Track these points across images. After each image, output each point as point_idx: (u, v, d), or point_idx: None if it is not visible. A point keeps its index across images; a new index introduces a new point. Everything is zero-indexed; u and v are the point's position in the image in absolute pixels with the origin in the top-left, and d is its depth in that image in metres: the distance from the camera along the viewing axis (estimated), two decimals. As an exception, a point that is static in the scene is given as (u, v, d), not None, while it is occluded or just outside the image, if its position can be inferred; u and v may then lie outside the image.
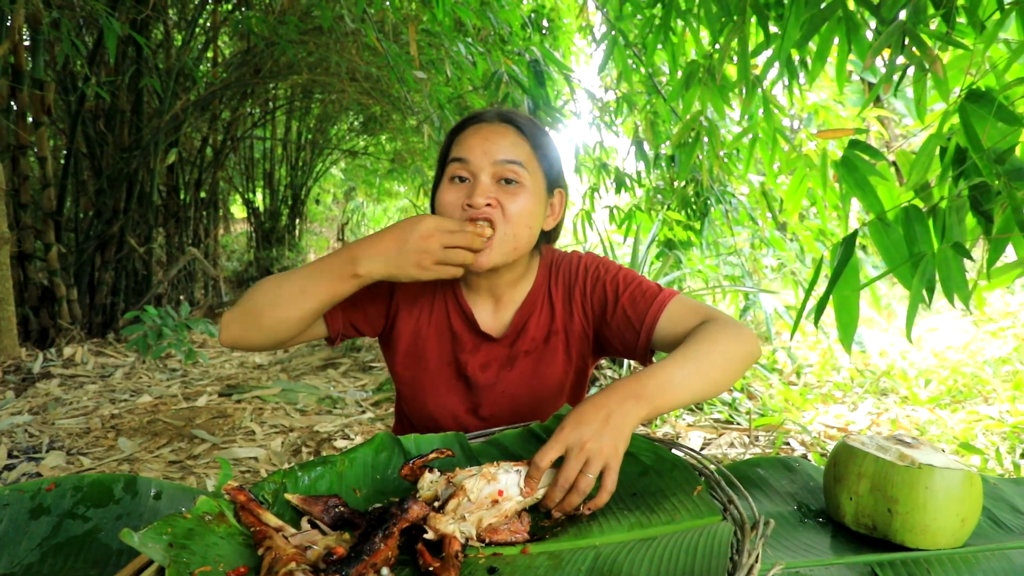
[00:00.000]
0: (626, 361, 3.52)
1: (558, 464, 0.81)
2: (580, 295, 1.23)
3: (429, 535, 0.70)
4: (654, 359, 1.13)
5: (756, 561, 0.59)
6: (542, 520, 0.79)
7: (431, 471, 0.81)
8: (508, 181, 1.08)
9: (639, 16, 2.83)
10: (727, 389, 1.10)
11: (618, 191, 4.36)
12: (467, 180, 1.09)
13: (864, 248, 3.65)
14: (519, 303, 1.22)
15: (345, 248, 1.02)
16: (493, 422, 1.23)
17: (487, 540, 0.73)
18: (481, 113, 1.15)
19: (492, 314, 1.23)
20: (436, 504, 0.76)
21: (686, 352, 0.97)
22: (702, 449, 2.85)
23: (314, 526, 0.75)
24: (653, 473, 0.83)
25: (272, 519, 0.73)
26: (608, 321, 1.19)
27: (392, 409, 3.42)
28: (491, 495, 0.75)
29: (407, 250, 0.97)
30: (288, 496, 0.78)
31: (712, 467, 0.81)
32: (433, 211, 1.15)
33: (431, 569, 0.66)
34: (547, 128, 3.40)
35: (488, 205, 1.06)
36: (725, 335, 1.01)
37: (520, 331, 1.22)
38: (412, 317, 1.23)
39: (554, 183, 1.18)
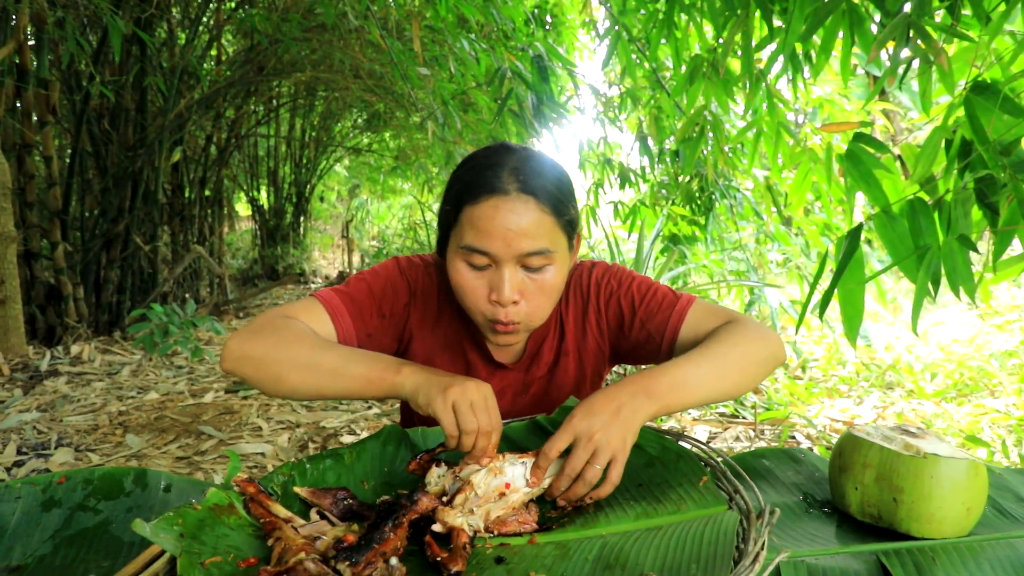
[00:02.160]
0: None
1: (566, 454, 0.81)
2: (595, 314, 1.19)
3: (437, 527, 0.70)
4: None
5: (762, 549, 0.59)
6: (549, 511, 0.80)
7: (438, 465, 0.82)
8: (534, 268, 1.00)
9: (643, 11, 2.83)
10: (747, 391, 1.05)
11: (622, 186, 4.37)
12: (488, 266, 1.00)
13: (869, 242, 3.65)
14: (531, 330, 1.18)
15: (386, 360, 0.93)
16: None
17: (495, 532, 0.74)
18: (495, 179, 0.98)
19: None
20: (444, 499, 0.76)
21: (704, 352, 0.96)
22: (708, 443, 2.85)
23: (323, 517, 0.76)
24: (659, 464, 0.84)
25: (281, 510, 0.73)
26: (626, 335, 1.16)
27: (398, 404, 3.43)
28: (498, 488, 0.76)
29: (454, 379, 0.85)
30: (297, 489, 0.79)
31: (718, 458, 0.82)
32: (447, 271, 1.06)
33: (439, 560, 0.66)
34: (550, 123, 3.38)
35: (514, 302, 1.00)
36: (746, 337, 1.00)
37: (534, 357, 1.20)
38: (425, 342, 1.19)
39: (573, 233, 1.08)
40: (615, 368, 3.62)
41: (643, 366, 1.37)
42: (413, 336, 1.18)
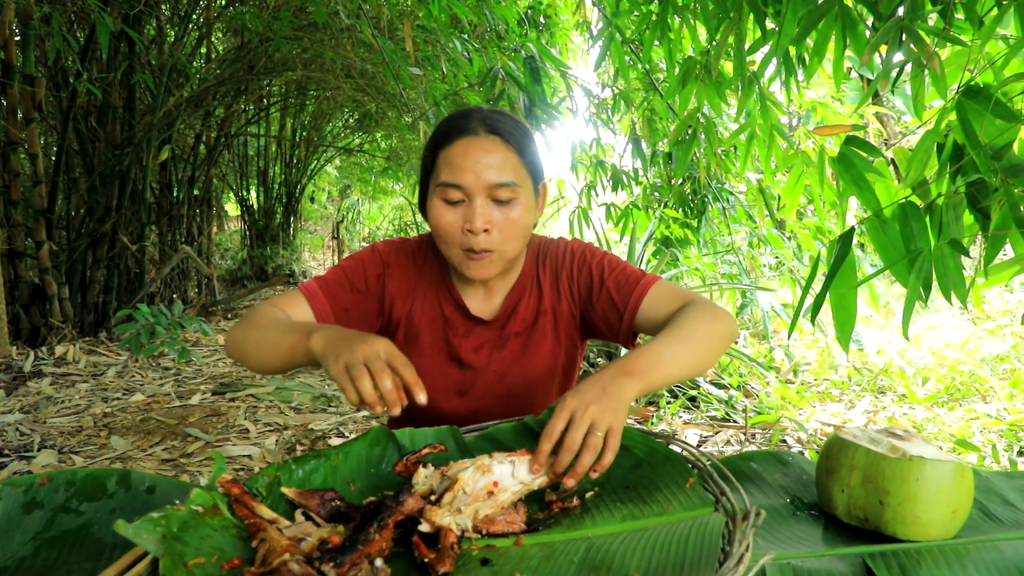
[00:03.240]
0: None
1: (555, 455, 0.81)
2: (567, 278, 1.28)
3: (424, 527, 0.70)
4: (638, 342, 1.20)
5: (747, 550, 0.59)
6: (536, 512, 0.79)
7: (425, 466, 0.81)
8: (502, 201, 1.11)
9: (636, 12, 2.83)
10: (711, 367, 1.15)
11: (615, 189, 4.37)
12: (461, 201, 1.11)
13: (862, 246, 3.67)
14: (508, 288, 1.27)
15: (322, 324, 1.04)
16: (485, 404, 1.27)
17: (484, 531, 0.73)
18: (466, 122, 1.13)
19: (482, 300, 1.27)
20: (432, 498, 0.76)
21: (672, 332, 1.03)
22: (698, 446, 2.85)
23: (308, 519, 0.75)
24: (646, 466, 0.83)
25: (266, 511, 0.72)
26: (594, 303, 1.24)
27: (386, 407, 3.42)
28: (486, 487, 0.75)
29: (344, 343, 0.90)
30: (284, 489, 0.78)
31: (705, 460, 0.81)
32: (427, 221, 1.19)
33: (426, 560, 0.66)
34: (542, 124, 3.39)
35: (485, 231, 1.10)
36: (707, 316, 1.07)
37: (510, 314, 1.27)
38: (406, 305, 1.27)
39: (538, 180, 1.20)
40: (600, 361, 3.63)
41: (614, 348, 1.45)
42: (394, 302, 1.27)
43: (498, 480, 0.76)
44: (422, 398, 0.85)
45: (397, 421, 1.30)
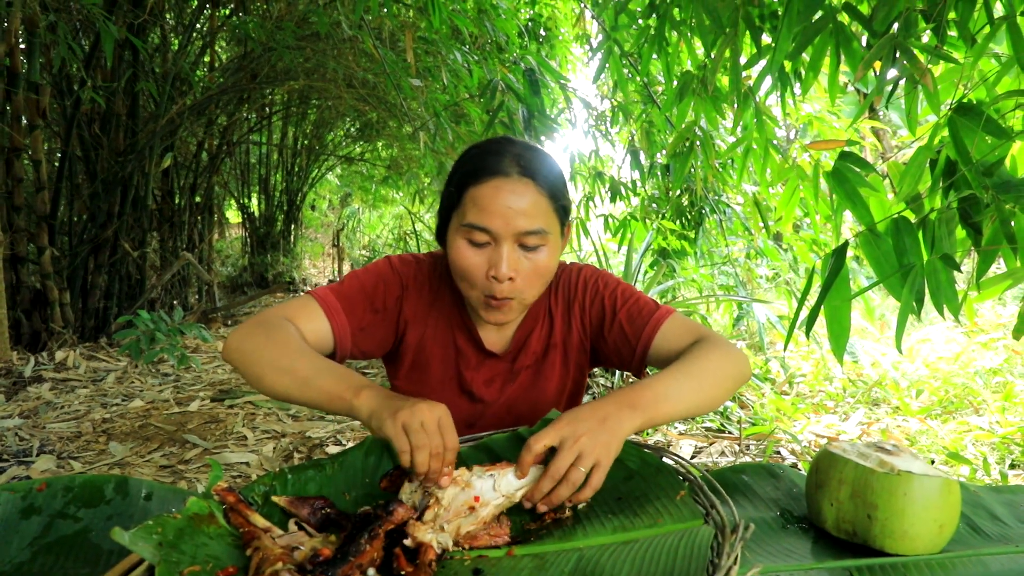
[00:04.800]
0: (619, 372, 3.53)
1: (546, 464, 0.82)
2: (579, 309, 1.25)
3: (408, 542, 0.71)
4: (648, 372, 1.16)
5: (735, 563, 0.60)
6: (528, 523, 0.80)
7: (410, 480, 0.82)
8: (529, 247, 1.07)
9: (634, 26, 2.86)
10: (719, 406, 1.11)
11: (613, 200, 4.38)
12: (487, 244, 1.06)
13: (858, 259, 3.68)
14: (520, 320, 1.24)
15: (361, 378, 0.95)
16: (498, 412, 1.26)
17: (467, 547, 0.74)
18: (497, 161, 1.06)
19: (495, 332, 1.24)
20: (414, 515, 0.76)
21: (681, 367, 1.00)
22: (693, 457, 2.86)
23: (301, 528, 0.76)
24: (638, 478, 0.84)
25: (260, 520, 0.73)
26: (605, 336, 1.21)
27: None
28: (467, 502, 0.76)
29: (405, 403, 0.86)
30: (275, 498, 0.79)
31: (696, 473, 0.82)
32: (445, 254, 1.14)
33: (403, 574, 0.66)
34: (541, 136, 3.41)
35: (510, 279, 1.06)
36: (719, 354, 1.04)
37: (521, 347, 1.24)
38: (418, 332, 1.23)
39: (565, 223, 1.15)
40: (601, 382, 3.63)
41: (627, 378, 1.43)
42: (407, 327, 1.22)
43: (479, 495, 0.77)
44: (444, 482, 0.81)
45: None
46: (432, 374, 1.24)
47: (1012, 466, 2.67)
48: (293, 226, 9.25)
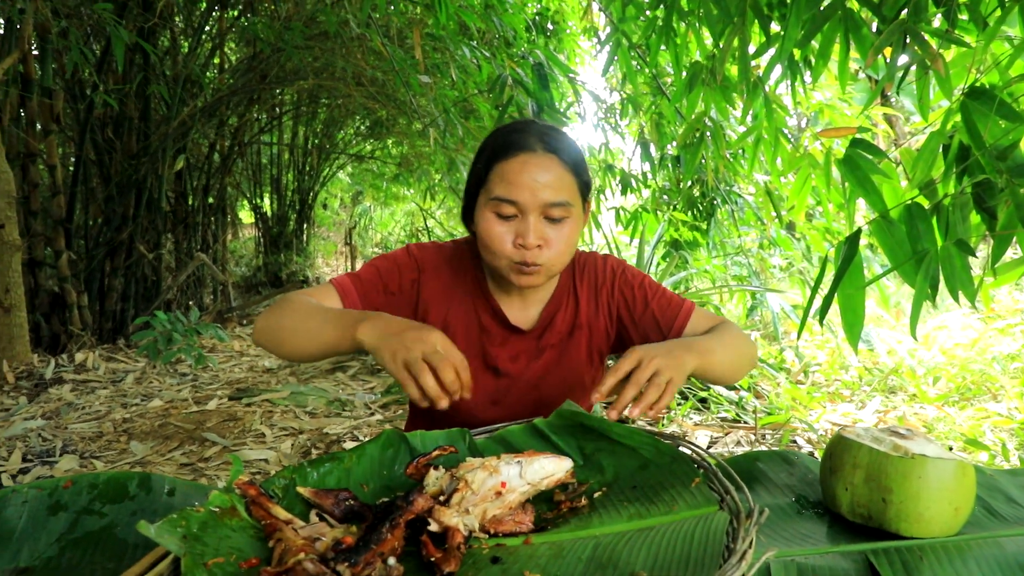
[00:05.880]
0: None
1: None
2: (607, 296, 1.31)
3: (433, 527, 0.72)
4: None
5: (749, 547, 0.60)
6: (544, 512, 0.81)
7: (436, 468, 0.83)
8: (554, 219, 1.12)
9: (642, 18, 2.85)
10: (738, 380, 1.23)
11: (624, 192, 4.38)
12: (514, 216, 1.12)
13: (872, 247, 3.66)
14: (546, 299, 1.29)
15: (360, 312, 1.04)
16: (518, 413, 1.28)
17: (492, 531, 0.75)
18: (523, 138, 1.13)
19: (520, 310, 1.29)
20: (441, 498, 0.78)
21: (716, 336, 1.15)
22: (709, 448, 2.86)
23: (322, 519, 0.77)
24: (653, 466, 0.85)
25: (282, 512, 0.74)
26: (636, 322, 1.28)
27: (400, 411, 3.44)
28: (494, 487, 0.77)
29: (398, 338, 0.93)
30: (300, 489, 0.80)
31: (711, 461, 0.83)
32: (472, 234, 1.23)
33: (433, 560, 0.67)
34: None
35: (538, 246, 1.12)
36: (739, 334, 1.20)
37: (547, 325, 1.29)
38: (440, 312, 1.27)
39: (586, 198, 1.22)
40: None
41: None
42: (429, 308, 1.27)
43: (506, 481, 0.78)
44: (466, 395, 0.89)
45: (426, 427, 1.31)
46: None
47: (1031, 451, 2.65)
48: (306, 225, 9.29)
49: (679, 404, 3.33)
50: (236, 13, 5.62)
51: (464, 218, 1.25)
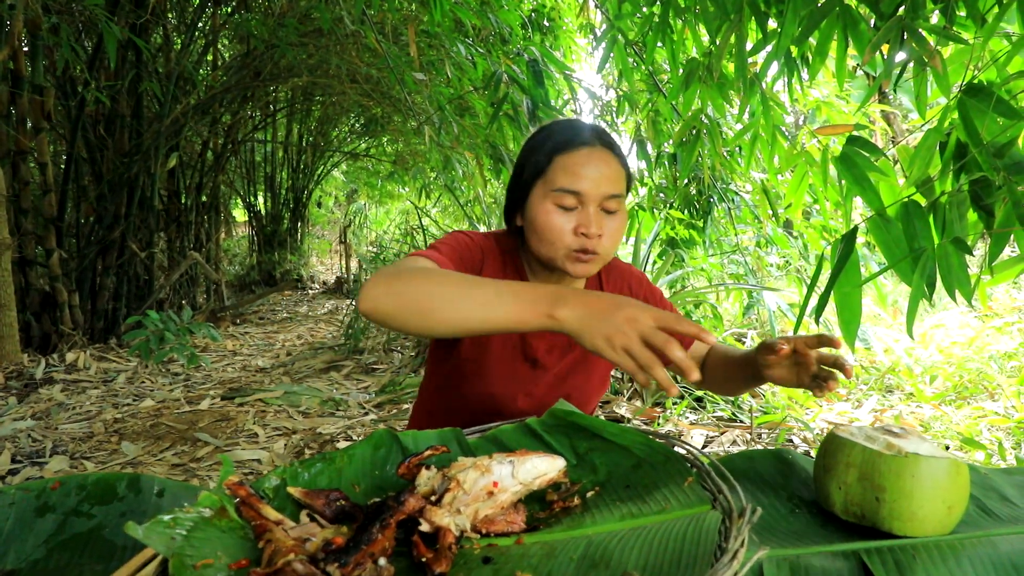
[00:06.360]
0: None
1: None
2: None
3: (424, 527, 0.71)
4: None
5: (741, 546, 0.60)
6: (537, 512, 0.80)
7: (428, 468, 0.82)
8: (609, 211, 1.17)
9: (638, 14, 2.84)
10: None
11: (620, 190, 4.36)
12: (574, 207, 1.16)
13: (870, 245, 3.66)
14: None
15: (551, 286, 0.91)
16: (544, 406, 1.26)
17: (483, 531, 0.74)
18: (582, 133, 1.19)
19: None
20: (433, 498, 0.77)
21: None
22: (704, 447, 2.86)
23: (313, 519, 0.76)
24: (647, 466, 0.84)
25: (272, 513, 0.74)
26: None
27: (395, 411, 3.43)
28: (486, 487, 0.76)
29: (608, 320, 0.84)
30: (291, 489, 0.79)
31: (704, 460, 0.82)
32: (512, 229, 1.28)
33: (424, 560, 0.67)
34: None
35: (599, 236, 1.16)
36: None
37: None
38: None
39: (628, 191, 1.28)
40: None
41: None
42: None
43: (498, 480, 0.77)
44: (695, 375, 0.81)
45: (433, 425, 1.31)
46: (494, 341, 1.30)
47: (1027, 450, 2.66)
48: (300, 223, 9.28)
49: (675, 403, 3.33)
50: (230, 10, 5.60)
51: (509, 215, 1.28)
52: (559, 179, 1.15)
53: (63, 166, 4.55)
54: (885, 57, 1.47)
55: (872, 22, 1.67)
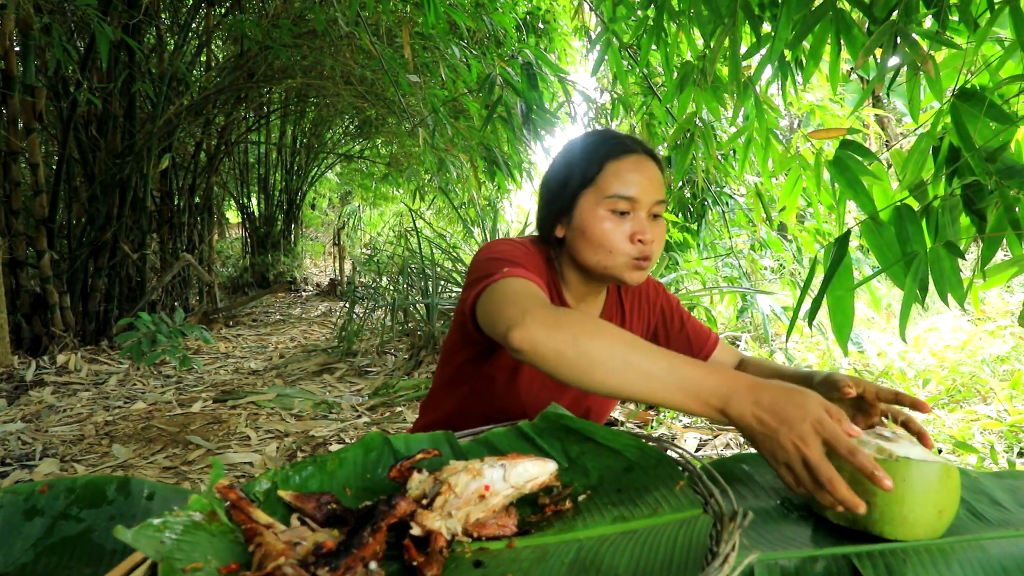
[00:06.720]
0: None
1: None
2: (648, 310, 1.41)
3: (415, 531, 0.71)
4: None
5: (732, 551, 0.60)
6: (528, 515, 0.80)
7: (419, 471, 0.82)
8: (655, 216, 1.20)
9: (633, 18, 2.85)
10: None
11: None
12: (626, 213, 1.17)
13: (863, 248, 3.67)
14: (601, 306, 1.36)
15: (724, 372, 0.84)
16: (573, 411, 1.26)
17: (475, 535, 0.74)
18: (627, 141, 1.21)
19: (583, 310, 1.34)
20: (424, 502, 0.76)
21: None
22: (697, 450, 2.86)
23: (304, 523, 0.76)
24: (638, 469, 0.84)
25: (262, 516, 0.73)
26: (668, 340, 1.40)
27: (388, 413, 3.42)
28: (477, 490, 0.76)
29: (787, 424, 0.76)
30: (281, 492, 0.79)
31: (695, 463, 0.82)
32: (550, 241, 1.27)
33: (415, 564, 0.66)
34: (540, 130, 3.40)
35: (653, 241, 1.18)
36: None
37: None
38: None
39: None
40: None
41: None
42: None
43: (489, 484, 0.77)
44: (887, 484, 0.72)
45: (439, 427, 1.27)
46: None
47: (1020, 454, 2.66)
48: (293, 225, 9.26)
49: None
50: (223, 10, 5.59)
51: (548, 224, 1.25)
52: (612, 185, 1.16)
53: (55, 167, 4.52)
54: (878, 61, 1.47)
55: (866, 26, 1.68)
